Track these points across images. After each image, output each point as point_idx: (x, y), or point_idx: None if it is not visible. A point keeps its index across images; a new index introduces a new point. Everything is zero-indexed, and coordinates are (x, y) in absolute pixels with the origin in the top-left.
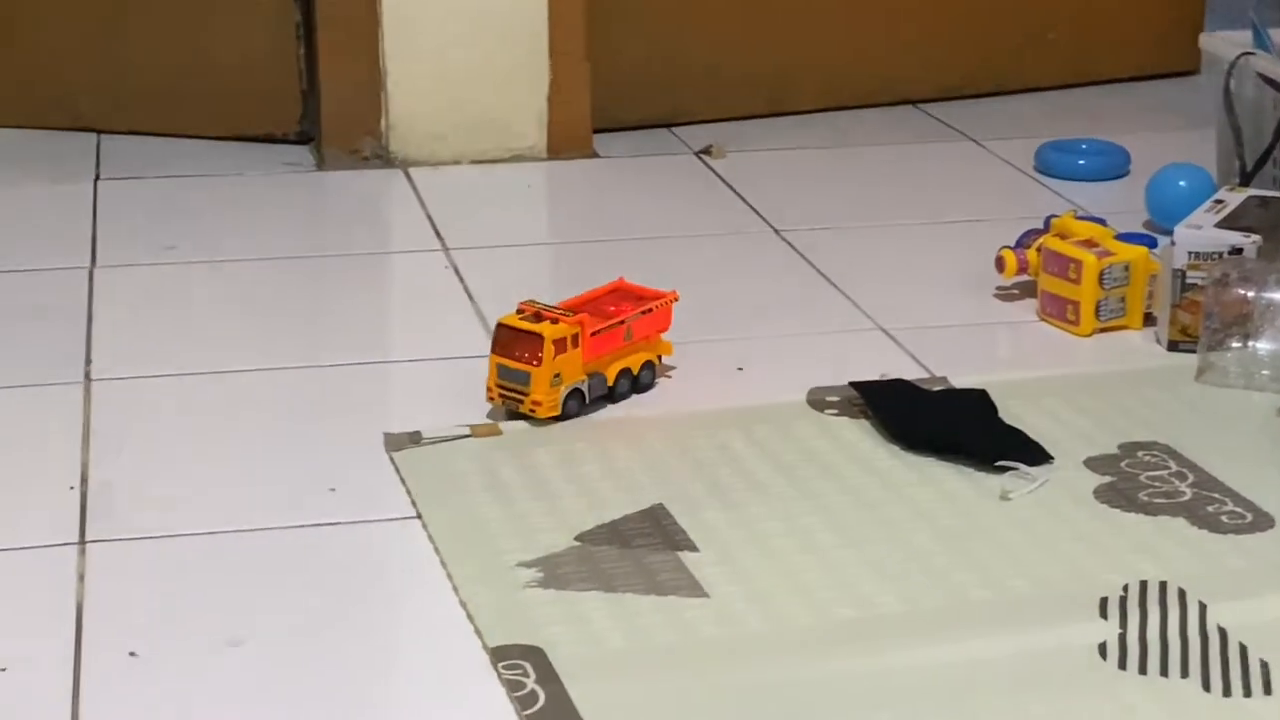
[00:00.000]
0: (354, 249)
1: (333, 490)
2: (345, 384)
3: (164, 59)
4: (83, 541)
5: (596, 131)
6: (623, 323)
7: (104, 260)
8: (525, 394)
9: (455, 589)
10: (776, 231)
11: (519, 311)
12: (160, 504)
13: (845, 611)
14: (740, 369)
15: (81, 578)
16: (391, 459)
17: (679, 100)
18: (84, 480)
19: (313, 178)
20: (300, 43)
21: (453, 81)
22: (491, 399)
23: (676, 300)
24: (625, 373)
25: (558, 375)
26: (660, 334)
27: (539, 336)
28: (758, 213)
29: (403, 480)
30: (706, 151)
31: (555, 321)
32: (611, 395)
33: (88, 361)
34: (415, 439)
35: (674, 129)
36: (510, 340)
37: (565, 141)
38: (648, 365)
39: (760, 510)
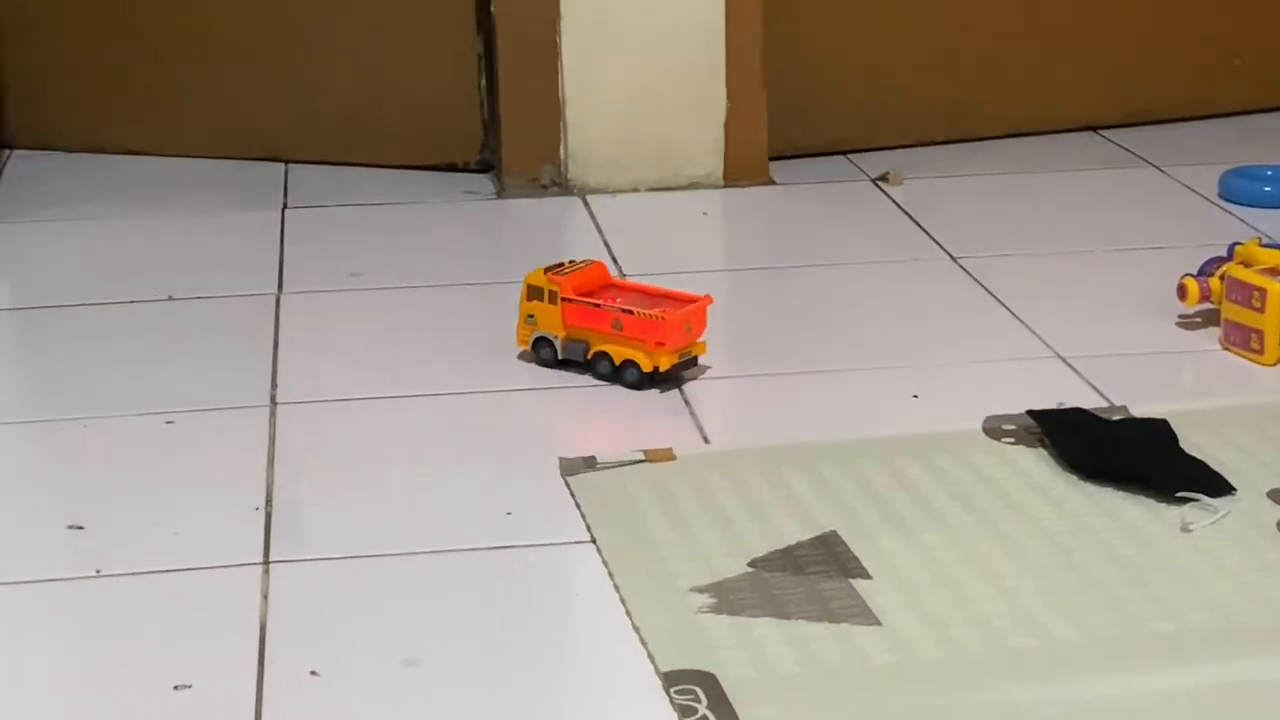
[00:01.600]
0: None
1: (509, 514)
2: (522, 409)
3: (350, 91)
4: (267, 562)
5: (773, 158)
6: (598, 305)
7: (290, 286)
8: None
9: (628, 613)
10: (954, 258)
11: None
12: (342, 526)
13: (1022, 641)
14: (915, 396)
15: (265, 597)
16: (566, 483)
17: (856, 127)
18: (269, 501)
19: (493, 205)
20: (482, 74)
21: (630, 110)
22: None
23: (676, 319)
24: (606, 356)
25: (531, 316)
26: (657, 344)
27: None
28: (935, 239)
29: (577, 504)
30: (884, 178)
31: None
32: (592, 369)
33: (274, 385)
34: (590, 464)
35: (851, 155)
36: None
37: (742, 169)
38: (630, 364)
39: (935, 538)
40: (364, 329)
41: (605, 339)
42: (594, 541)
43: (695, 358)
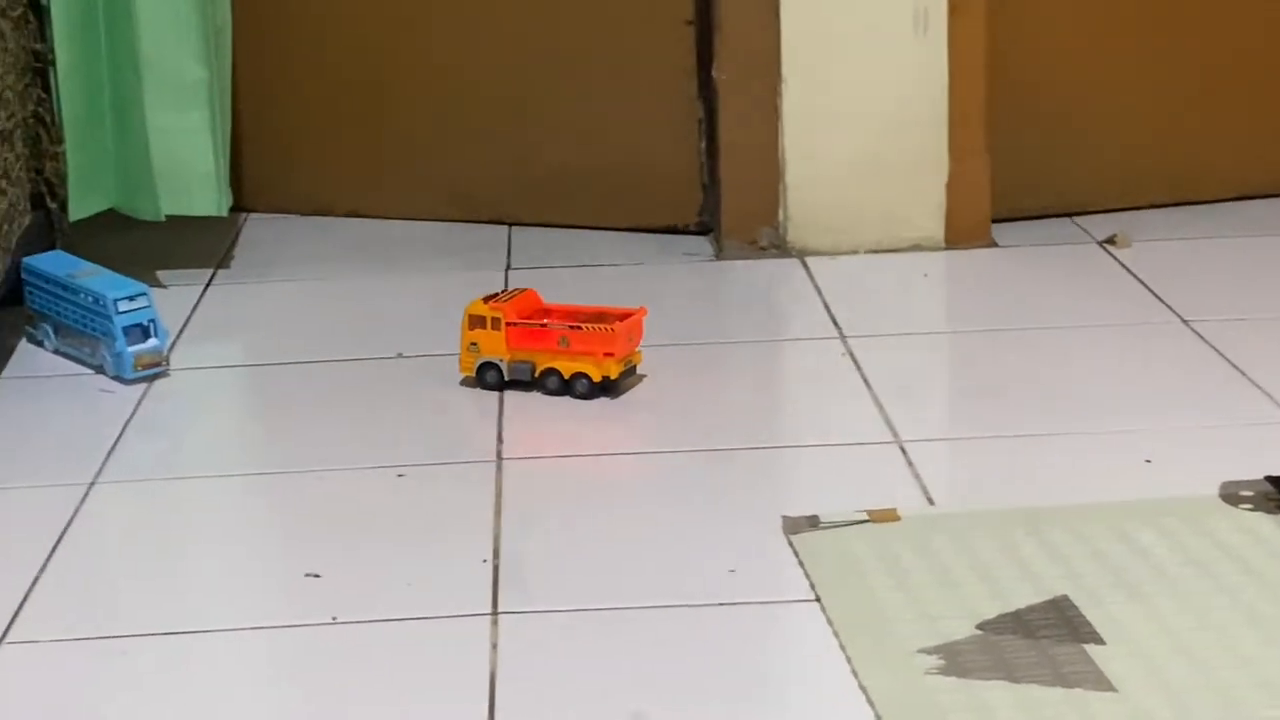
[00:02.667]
0: (751, 336)
1: (732, 571)
2: (743, 468)
3: (573, 154)
4: (495, 613)
5: (995, 221)
6: (544, 325)
7: None
8: None
9: (854, 673)
10: (1185, 322)
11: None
12: (567, 579)
13: (1269, 712)
14: (1148, 461)
15: (494, 647)
16: (790, 542)
17: (1081, 189)
18: (496, 554)
19: (711, 267)
20: (703, 138)
21: (851, 173)
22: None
23: (624, 324)
24: (554, 372)
25: (474, 344)
26: (606, 355)
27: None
28: (1165, 303)
29: (801, 563)
30: (1110, 241)
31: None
32: (540, 386)
33: (499, 441)
34: (813, 523)
35: (1076, 218)
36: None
37: (964, 231)
38: (581, 376)
39: (1171, 604)
40: None
41: (552, 356)
42: (818, 600)
43: (634, 366)
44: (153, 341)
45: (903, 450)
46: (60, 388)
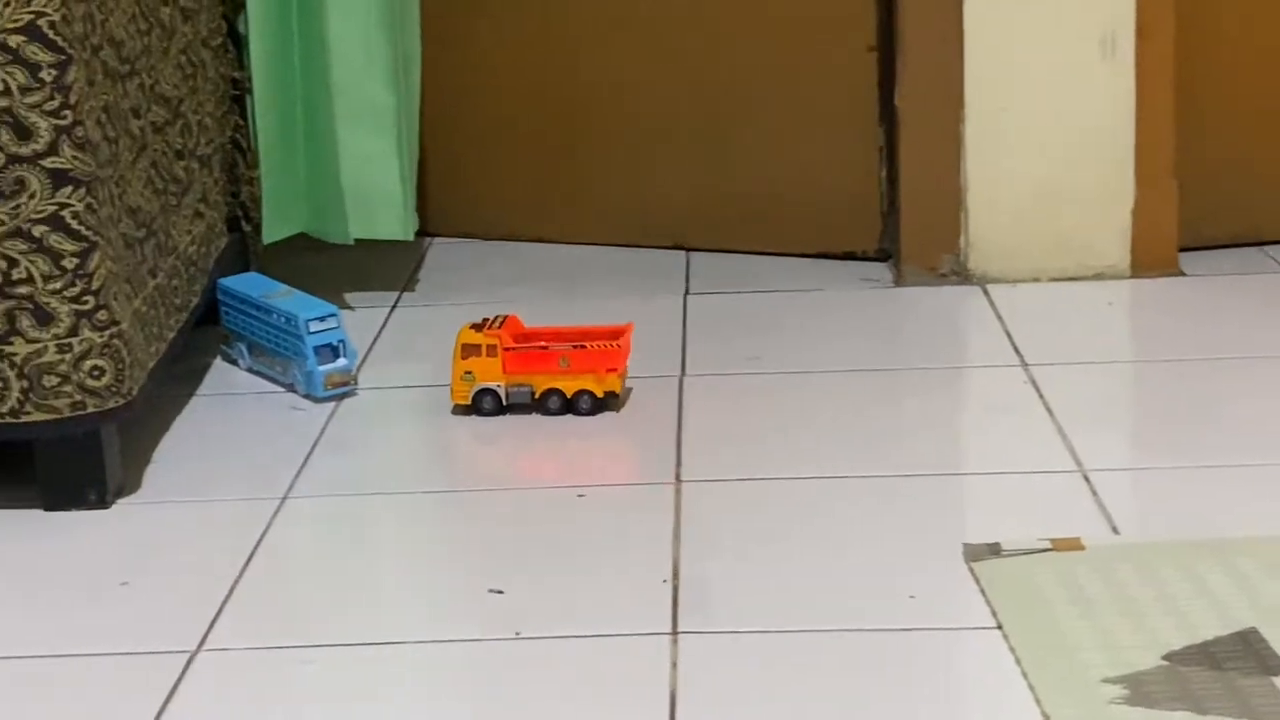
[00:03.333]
0: (931, 363)
1: (912, 597)
2: (922, 495)
3: (753, 183)
4: (675, 632)
5: (1183, 250)
6: (544, 348)
7: (693, 369)
8: None
9: (1038, 701)
10: None
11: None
12: (746, 601)
13: None
14: None
15: (675, 666)
16: (970, 569)
17: (1272, 218)
18: (675, 574)
19: (891, 294)
20: (883, 165)
21: (1034, 200)
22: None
23: (619, 338)
24: (556, 392)
25: (469, 373)
26: (608, 370)
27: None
28: None
29: (982, 591)
30: None
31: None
32: (541, 408)
33: (678, 464)
34: (995, 550)
35: (1266, 247)
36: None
37: (1149, 260)
38: (584, 393)
39: None
40: (763, 411)
41: (551, 378)
42: (1000, 628)
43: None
44: (342, 361)
45: (1086, 479)
46: (253, 405)
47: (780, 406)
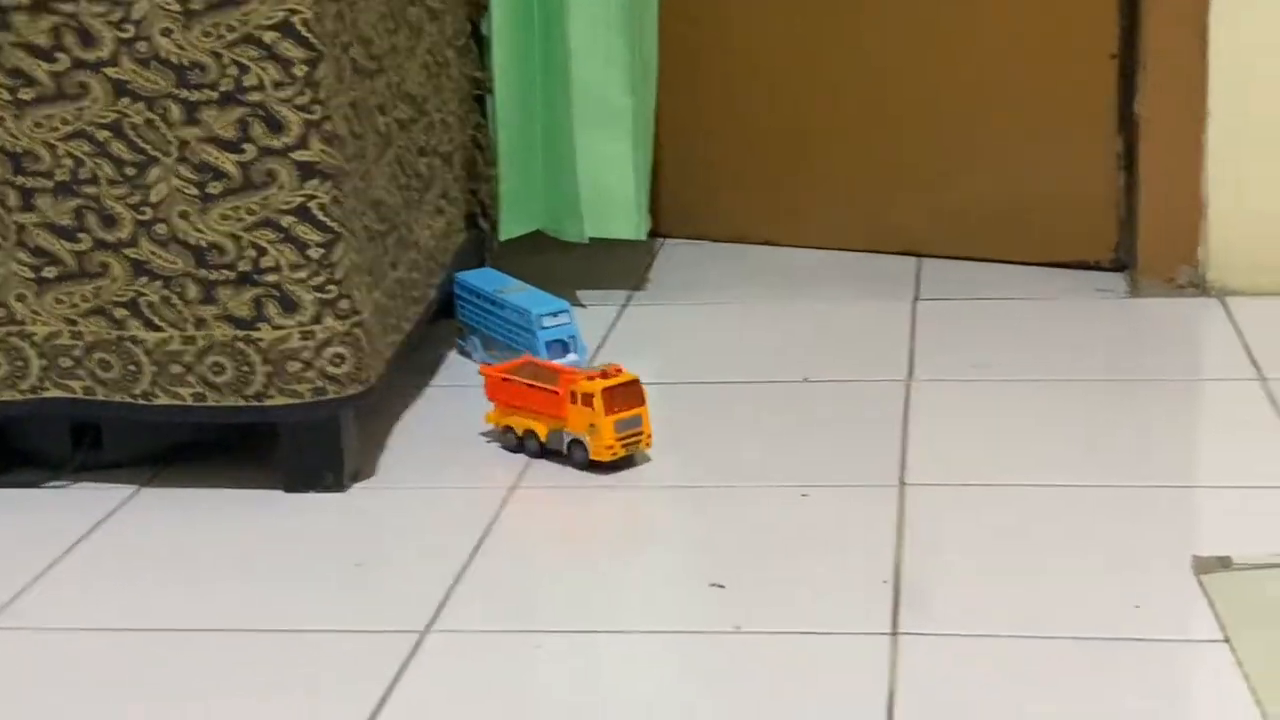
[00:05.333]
0: (1165, 375)
1: (1138, 607)
2: (1151, 505)
3: (987, 189)
4: (895, 633)
5: None
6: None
7: (920, 374)
8: (640, 432)
9: (1264, 716)
10: None
11: (588, 378)
12: (967, 604)
13: None
14: None
15: (893, 666)
16: (1199, 582)
17: None
18: (897, 575)
19: (1125, 304)
20: (1121, 173)
21: (1277, 212)
22: (613, 454)
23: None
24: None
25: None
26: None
27: (635, 382)
28: None
29: (1211, 604)
30: None
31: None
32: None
33: (903, 467)
34: (1225, 563)
35: None
36: (616, 396)
37: None
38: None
39: None
40: (991, 418)
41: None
42: (1227, 641)
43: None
44: (572, 356)
45: None
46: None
47: (1008, 413)
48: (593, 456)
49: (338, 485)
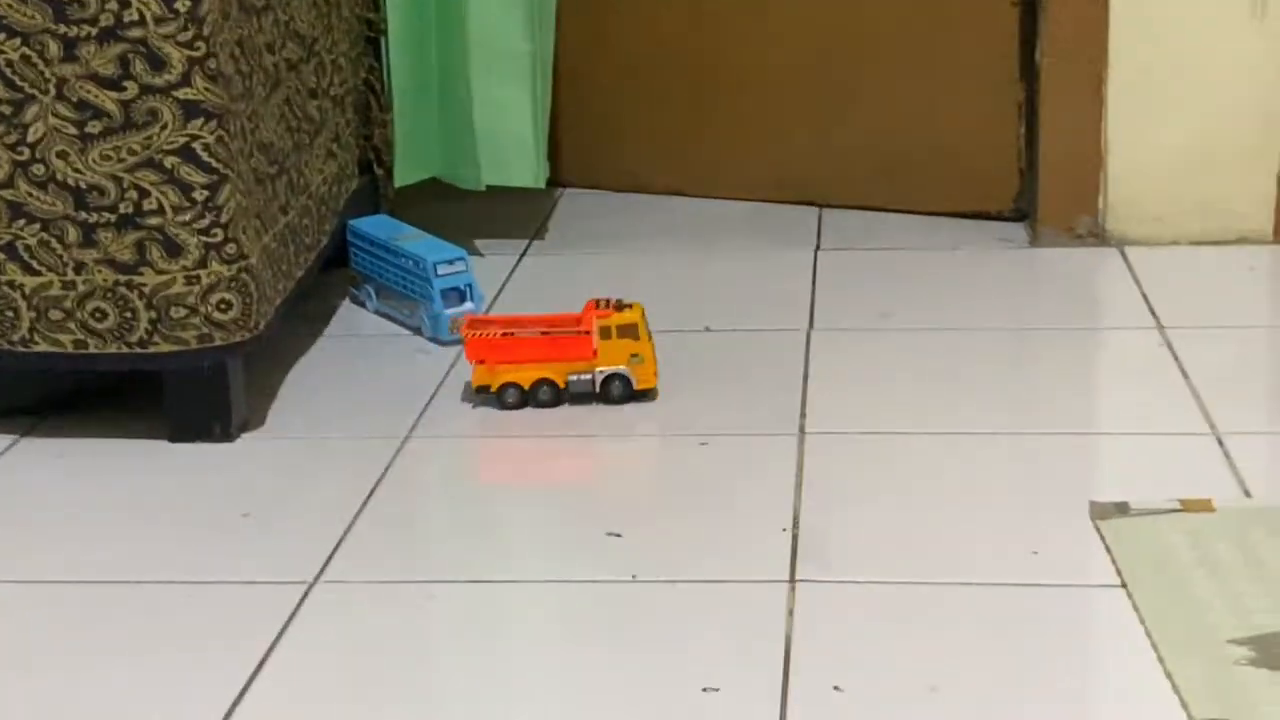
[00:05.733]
0: (1065, 324)
1: (1035, 553)
2: (1049, 453)
3: (887, 139)
4: (793, 580)
5: None
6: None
7: (820, 324)
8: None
9: (1160, 659)
10: None
11: (616, 310)
12: (866, 551)
13: None
14: None
15: (791, 613)
16: (1097, 527)
17: None
18: (795, 524)
19: (1026, 254)
20: (1022, 122)
21: (1176, 162)
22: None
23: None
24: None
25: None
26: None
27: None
28: None
29: (1108, 549)
30: None
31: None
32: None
33: (802, 415)
34: (1122, 509)
35: None
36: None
37: None
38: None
39: None
40: (890, 367)
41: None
42: (1124, 586)
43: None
44: (468, 305)
45: (1220, 442)
46: (379, 347)
47: (909, 362)
48: (641, 386)
49: (225, 435)
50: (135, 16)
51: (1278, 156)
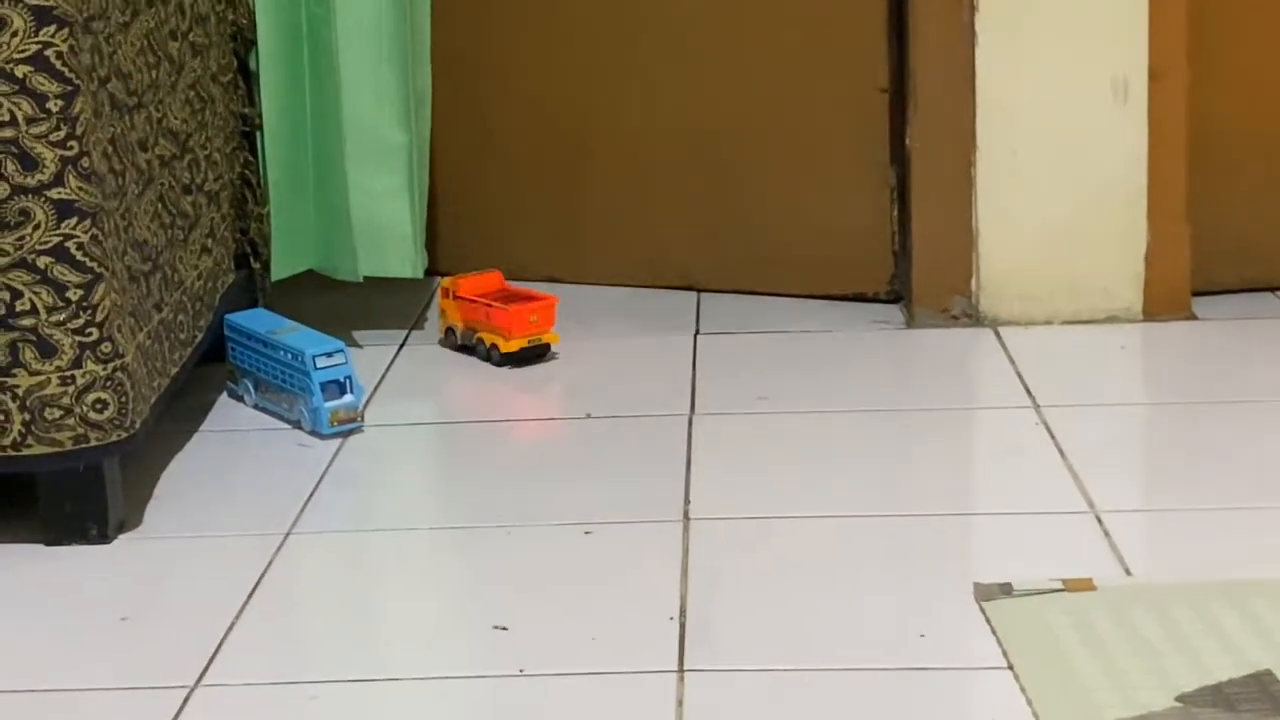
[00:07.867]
0: (942, 404)
1: (923, 636)
2: (932, 534)
3: (764, 224)
4: (681, 670)
5: (1195, 294)
6: (474, 301)
7: (702, 408)
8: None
9: None
10: None
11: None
12: (754, 638)
13: None
14: None
15: (680, 703)
16: (981, 609)
17: None
18: (683, 612)
19: (901, 335)
20: (894, 205)
21: (1046, 242)
22: None
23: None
24: (481, 341)
25: (443, 313)
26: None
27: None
28: None
29: (993, 630)
30: None
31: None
32: (475, 351)
33: (687, 501)
34: (1006, 590)
35: (1278, 292)
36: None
37: (1162, 303)
38: (493, 345)
39: None
40: (773, 451)
41: (482, 327)
42: (1010, 668)
43: (547, 345)
44: (348, 398)
45: (1099, 520)
46: (259, 441)
47: (789, 446)
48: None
49: (102, 537)
50: (6, 117)
51: (1145, 236)
